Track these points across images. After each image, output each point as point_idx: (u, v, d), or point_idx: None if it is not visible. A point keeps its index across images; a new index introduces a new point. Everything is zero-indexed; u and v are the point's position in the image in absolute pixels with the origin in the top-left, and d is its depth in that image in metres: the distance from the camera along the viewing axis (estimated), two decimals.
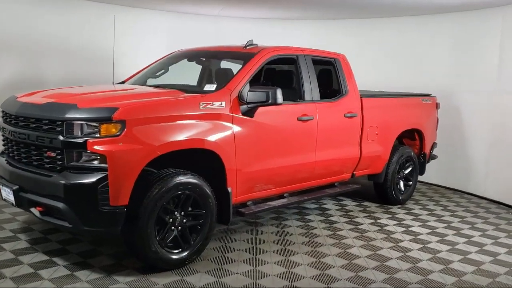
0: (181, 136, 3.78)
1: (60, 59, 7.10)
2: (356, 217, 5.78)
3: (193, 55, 5.35)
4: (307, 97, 4.97)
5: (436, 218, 5.88)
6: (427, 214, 6.05)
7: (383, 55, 8.29)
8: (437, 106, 6.98)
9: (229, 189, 4.18)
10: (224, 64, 5.39)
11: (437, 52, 7.70)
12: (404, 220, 5.74)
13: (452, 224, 5.65)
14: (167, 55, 5.51)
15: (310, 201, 5.90)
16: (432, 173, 7.82)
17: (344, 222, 5.48)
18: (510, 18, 6.70)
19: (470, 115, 7.33)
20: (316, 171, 5.10)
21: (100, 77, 7.08)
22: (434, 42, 7.72)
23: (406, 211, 6.14)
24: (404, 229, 5.38)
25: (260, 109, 4.37)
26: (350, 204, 6.39)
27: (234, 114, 4.17)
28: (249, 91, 4.23)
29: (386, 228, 5.38)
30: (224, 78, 4.55)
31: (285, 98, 4.97)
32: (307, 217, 5.67)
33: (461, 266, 4.36)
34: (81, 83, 6.39)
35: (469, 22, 7.28)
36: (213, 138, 3.98)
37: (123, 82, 5.30)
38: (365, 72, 8.35)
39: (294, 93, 5.05)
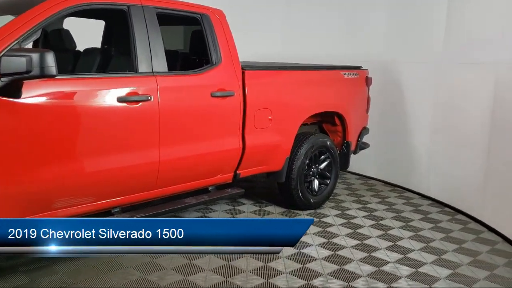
0: None
1: None
2: None
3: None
4: (143, 67, 3.40)
5: (349, 231, 4.40)
6: (341, 225, 4.57)
7: (311, 22, 6.73)
8: (367, 81, 5.45)
9: None
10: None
11: (374, 16, 6.16)
12: (305, 234, 4.24)
13: (367, 241, 4.18)
14: None
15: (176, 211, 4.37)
16: (369, 165, 6.38)
17: None
18: None
19: (411, 92, 5.83)
20: (163, 175, 3.57)
21: None
22: (371, 3, 6.18)
23: (315, 220, 4.66)
24: (295, 251, 3.90)
25: (40, 85, 2.82)
26: (247, 210, 4.91)
27: None
28: (3, 56, 2.66)
29: None
30: None
31: (108, 69, 3.46)
32: None
33: None
34: None
35: None
36: None
37: None
38: (292, 43, 6.91)
39: (124, 62, 3.50)
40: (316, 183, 5.02)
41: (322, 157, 5.03)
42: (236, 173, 4.23)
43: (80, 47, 4.11)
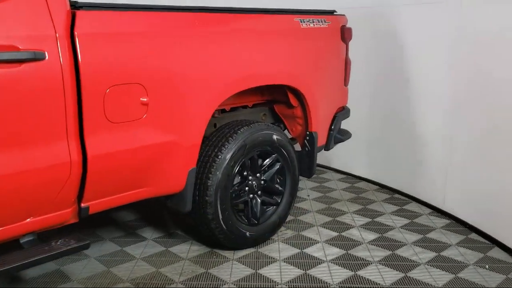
0: None
1: None
2: None
3: None
4: None
5: None
6: (288, 283, 2.62)
7: None
8: (344, 34, 3.40)
9: None
10: None
11: None
12: None
13: None
14: None
15: None
16: (358, 160, 4.43)
17: None
18: None
19: (418, 50, 3.77)
20: None
21: None
22: None
23: (243, 270, 2.71)
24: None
25: None
26: (144, 247, 2.99)
27: None
28: None
29: None
30: None
31: None
32: None
33: None
34: None
35: None
36: None
37: None
38: None
39: None
40: (258, 203, 3.05)
41: (267, 160, 3.05)
42: (81, 207, 2.26)
43: None
